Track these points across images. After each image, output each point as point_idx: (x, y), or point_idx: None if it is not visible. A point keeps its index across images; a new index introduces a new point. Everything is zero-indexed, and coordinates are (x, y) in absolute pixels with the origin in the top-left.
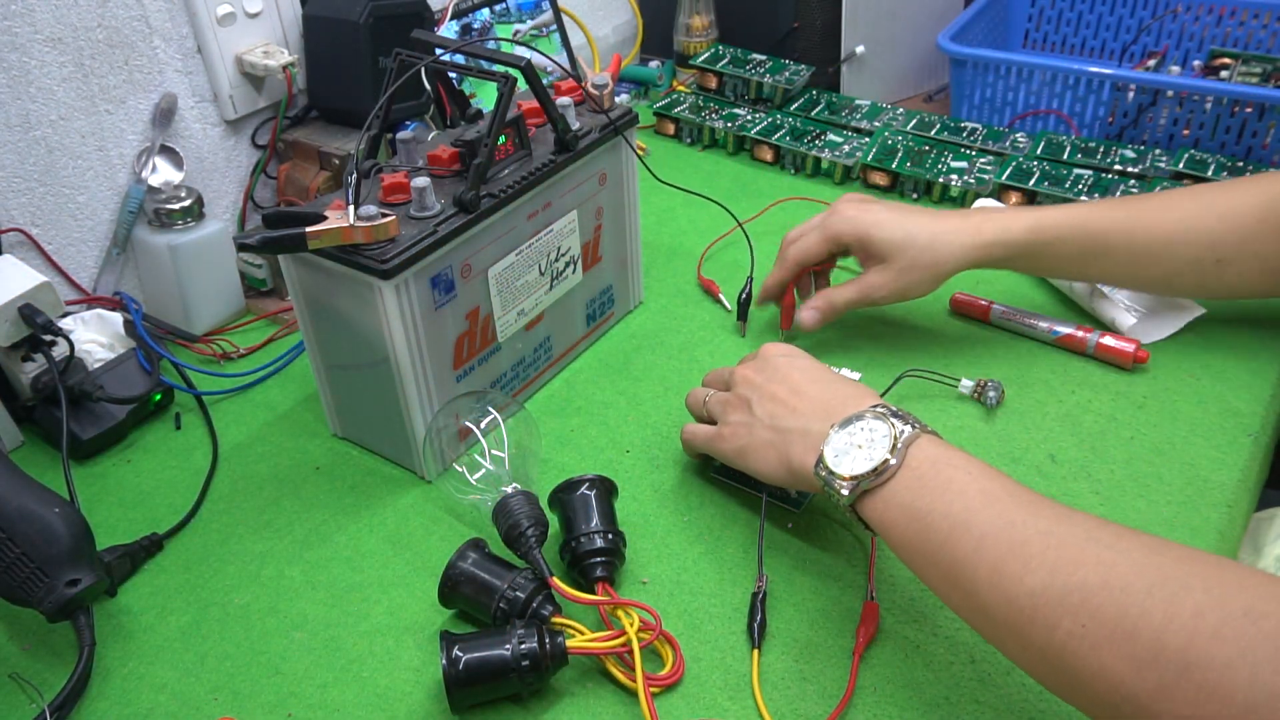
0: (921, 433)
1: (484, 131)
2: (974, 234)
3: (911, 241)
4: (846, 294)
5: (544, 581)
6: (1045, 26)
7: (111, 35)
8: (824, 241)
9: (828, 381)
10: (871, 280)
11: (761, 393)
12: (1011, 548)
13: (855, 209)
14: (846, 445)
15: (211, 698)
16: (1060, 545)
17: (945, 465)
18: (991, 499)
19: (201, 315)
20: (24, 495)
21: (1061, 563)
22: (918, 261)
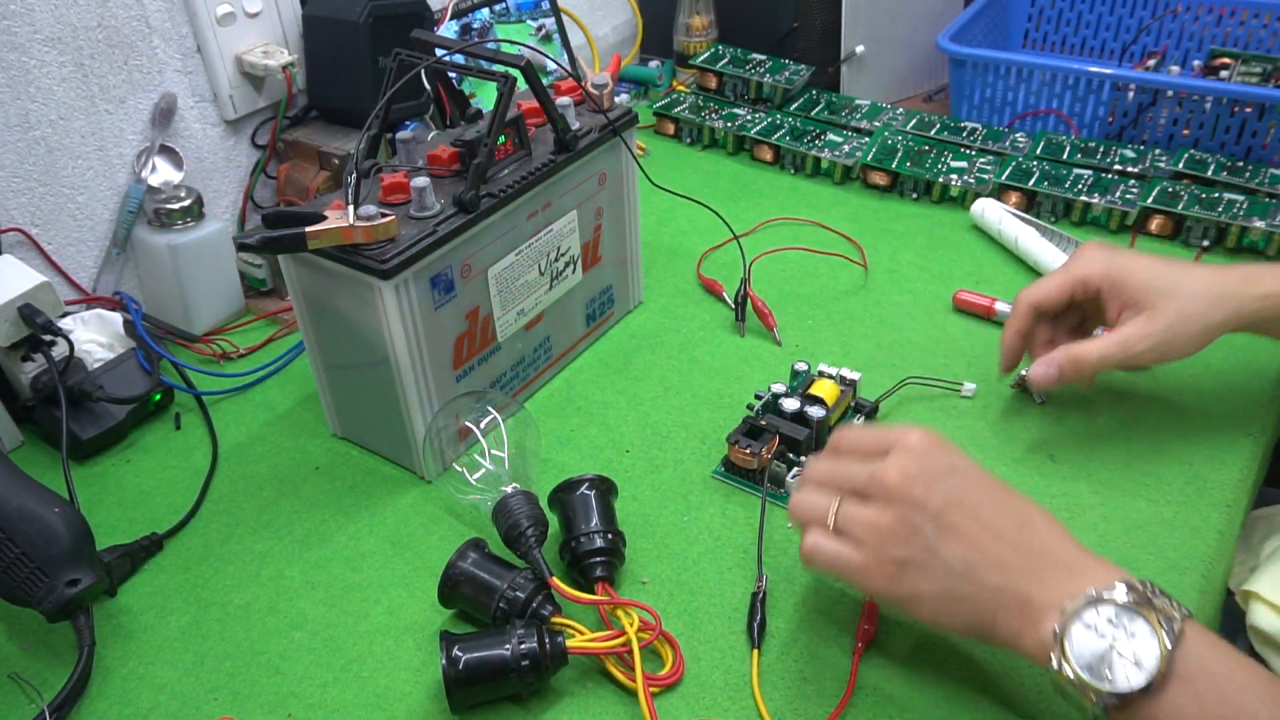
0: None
1: (484, 131)
2: (1248, 284)
3: (1180, 288)
4: (1100, 348)
5: (544, 581)
6: (1045, 26)
7: (111, 35)
8: (1066, 284)
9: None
10: (1133, 332)
11: (941, 524)
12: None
13: (1103, 251)
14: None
15: (211, 698)
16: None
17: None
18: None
19: (201, 315)
20: (24, 495)
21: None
22: (1187, 311)
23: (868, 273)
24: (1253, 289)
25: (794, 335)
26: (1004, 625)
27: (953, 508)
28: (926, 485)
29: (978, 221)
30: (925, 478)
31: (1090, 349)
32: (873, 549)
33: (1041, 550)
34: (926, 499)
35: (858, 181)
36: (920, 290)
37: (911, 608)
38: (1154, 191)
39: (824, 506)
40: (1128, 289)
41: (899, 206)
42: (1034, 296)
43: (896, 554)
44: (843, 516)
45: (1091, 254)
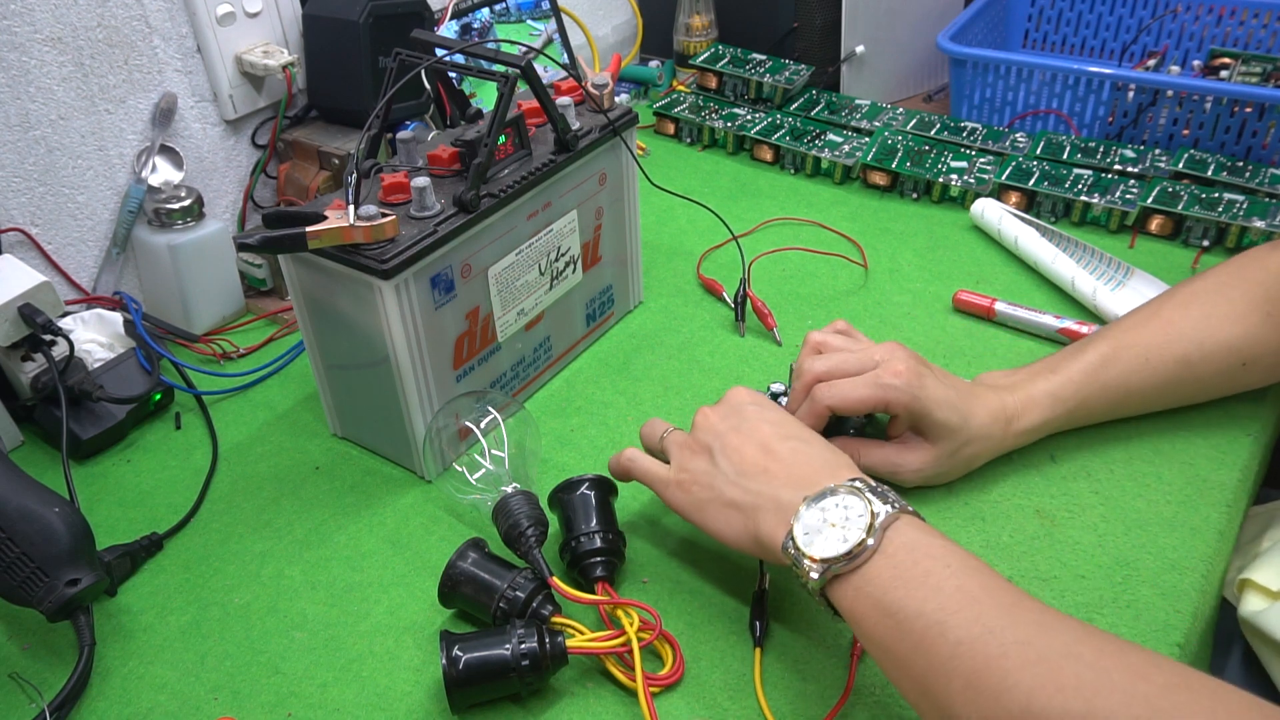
0: (901, 513)
1: (484, 131)
2: (1005, 425)
3: (964, 429)
4: (871, 460)
5: (544, 581)
6: (1045, 26)
7: (111, 35)
8: (873, 401)
9: (801, 441)
10: (907, 459)
11: (727, 443)
12: (988, 660)
13: (912, 374)
14: (818, 522)
15: (211, 697)
16: (1040, 661)
17: (924, 555)
18: (970, 599)
19: (201, 315)
20: (24, 495)
21: (1041, 683)
22: (960, 454)
23: (868, 273)
24: (1010, 429)
25: (794, 335)
26: (767, 527)
27: (742, 433)
28: (724, 416)
29: (978, 221)
30: (730, 414)
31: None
32: (676, 462)
33: (807, 467)
34: (722, 427)
35: (858, 181)
36: (920, 290)
37: (696, 515)
38: (1154, 191)
39: (660, 430)
40: (925, 422)
41: (899, 206)
42: (835, 402)
43: (689, 464)
44: (667, 439)
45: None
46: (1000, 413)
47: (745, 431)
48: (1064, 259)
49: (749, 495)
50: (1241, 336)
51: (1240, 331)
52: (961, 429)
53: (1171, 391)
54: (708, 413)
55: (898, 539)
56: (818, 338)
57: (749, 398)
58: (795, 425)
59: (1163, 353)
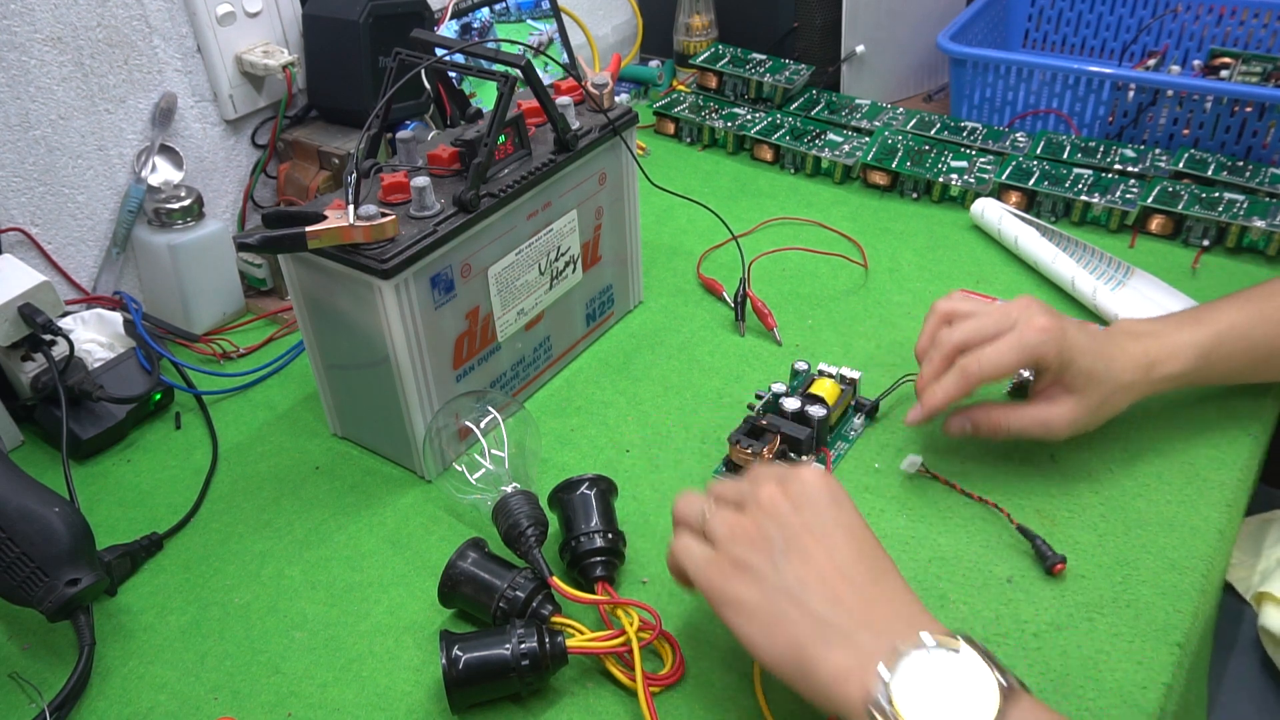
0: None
1: (484, 131)
2: (1148, 372)
3: (1110, 377)
4: (1022, 424)
5: (544, 581)
6: (1045, 26)
7: (111, 35)
8: (1023, 361)
9: (878, 567)
10: (1057, 414)
11: (794, 543)
12: None
13: (1053, 326)
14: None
15: (211, 697)
16: None
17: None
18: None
19: (201, 315)
20: (24, 495)
21: None
22: (1108, 401)
23: (868, 272)
24: (1150, 375)
25: (794, 335)
26: (828, 667)
27: (809, 533)
28: (795, 506)
29: (978, 221)
30: (797, 500)
31: (1011, 421)
32: (722, 546)
33: (883, 599)
34: (788, 517)
35: (858, 181)
36: (920, 290)
37: (735, 615)
38: (1154, 191)
39: (700, 507)
40: (1070, 373)
41: (899, 206)
42: (987, 369)
43: (740, 554)
44: (712, 517)
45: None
46: (1142, 358)
47: (822, 537)
48: (1064, 259)
49: (813, 621)
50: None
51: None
52: (1106, 376)
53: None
54: (775, 494)
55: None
56: (945, 306)
57: (825, 488)
58: (875, 544)
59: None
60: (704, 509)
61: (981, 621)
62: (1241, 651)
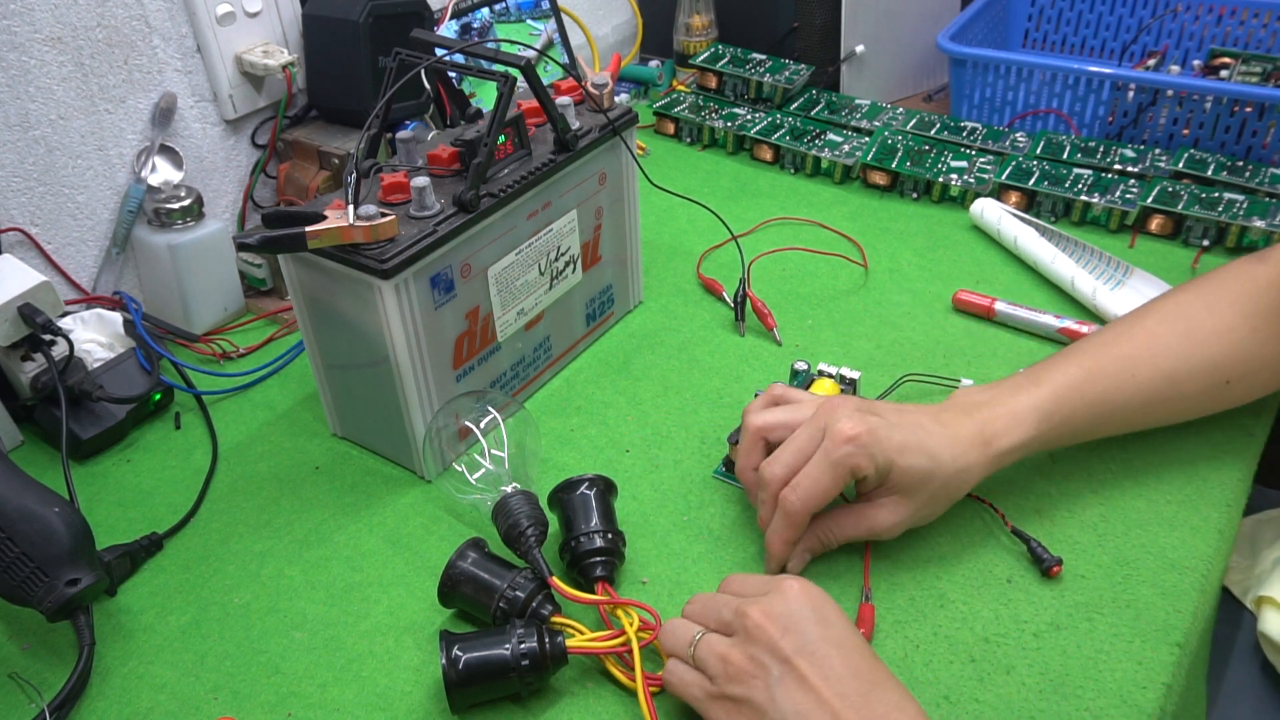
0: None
1: (484, 131)
2: (984, 448)
3: (936, 468)
4: (847, 534)
5: (544, 581)
6: (1045, 26)
7: (111, 35)
8: (838, 481)
9: (874, 679)
10: (884, 519)
11: (787, 669)
12: None
13: (859, 429)
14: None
15: (211, 697)
16: None
17: None
18: None
19: (201, 315)
20: (24, 495)
21: None
22: (939, 494)
23: (868, 272)
24: (988, 451)
25: (794, 335)
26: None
27: (802, 656)
28: (784, 629)
29: (977, 221)
30: (785, 621)
31: (838, 532)
32: (719, 681)
33: (882, 717)
34: (779, 642)
35: (858, 181)
36: (920, 290)
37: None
38: (1154, 191)
39: (687, 637)
40: (893, 475)
41: (899, 206)
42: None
43: (736, 692)
44: (701, 647)
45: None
46: (977, 436)
47: (813, 659)
48: (1064, 259)
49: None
50: (1225, 352)
51: (1224, 346)
52: (933, 469)
53: (1155, 410)
54: (760, 620)
55: None
56: (756, 422)
57: (809, 604)
58: (866, 654)
59: (1148, 367)
60: (692, 638)
61: (981, 621)
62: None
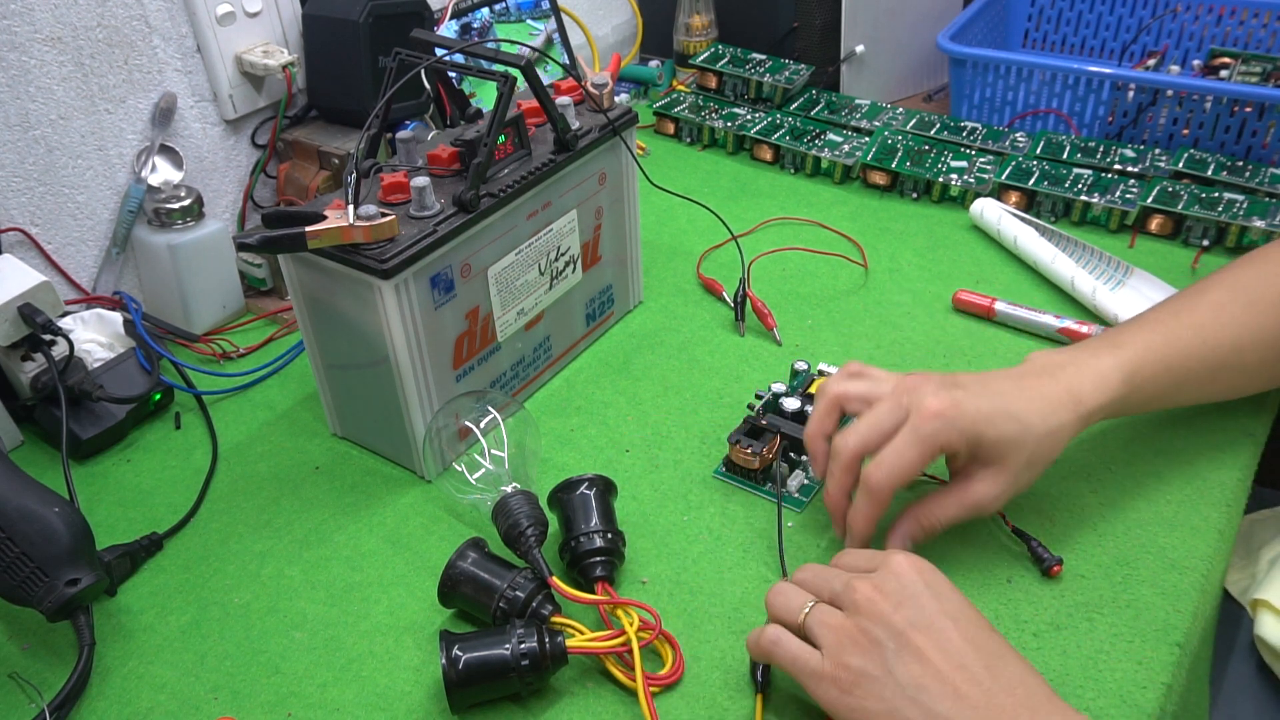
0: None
1: (484, 131)
2: (1076, 407)
3: (1027, 432)
4: (950, 513)
5: (544, 581)
6: (1045, 26)
7: (111, 35)
8: (926, 457)
9: (993, 651)
10: (984, 492)
11: (903, 643)
12: None
13: (945, 403)
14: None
15: (211, 697)
16: None
17: None
18: None
19: (201, 315)
20: (24, 495)
21: None
22: (1035, 457)
23: (868, 273)
24: (1079, 410)
25: (794, 335)
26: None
27: (918, 630)
28: (897, 603)
29: (977, 221)
30: (897, 596)
31: (940, 514)
32: (831, 654)
33: (1005, 689)
34: (892, 616)
35: (858, 181)
36: (920, 290)
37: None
38: (1154, 191)
39: (799, 605)
40: (983, 446)
41: (899, 206)
42: (894, 479)
43: (853, 663)
44: (814, 617)
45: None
46: (1065, 396)
47: (929, 632)
48: (1064, 259)
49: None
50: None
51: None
52: (1023, 434)
53: (1221, 380)
54: (872, 595)
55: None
56: (835, 390)
57: (920, 578)
58: (985, 627)
59: (1216, 335)
60: (804, 606)
61: None
62: (1239, 654)
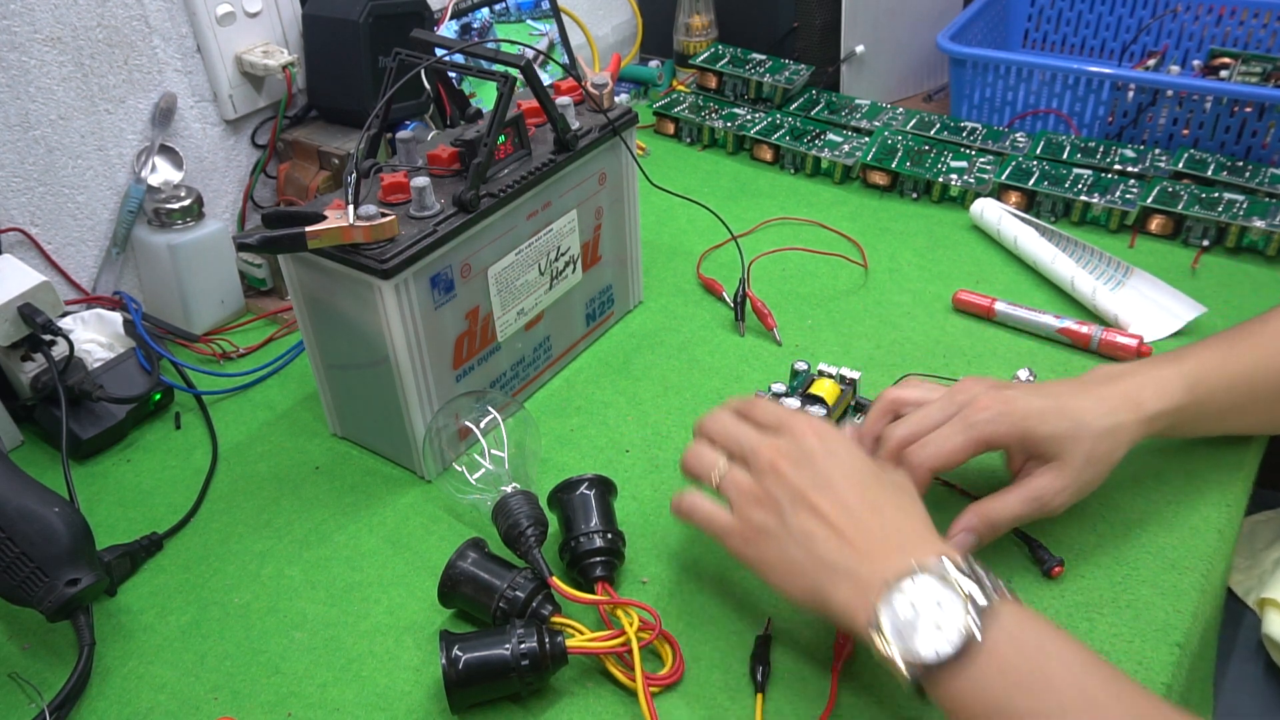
0: (1002, 602)
1: (484, 131)
2: (1137, 409)
3: (1084, 429)
4: (1014, 510)
5: (544, 581)
6: (1045, 26)
7: (111, 35)
8: (971, 445)
9: (878, 501)
10: (1046, 486)
11: (796, 498)
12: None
13: (998, 400)
14: (910, 615)
15: (211, 697)
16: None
17: (1035, 651)
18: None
19: (201, 315)
20: (24, 495)
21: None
22: (1095, 454)
23: (868, 273)
24: (1140, 413)
25: (794, 335)
26: (841, 601)
27: (812, 487)
28: (795, 464)
29: (977, 221)
30: (796, 457)
31: (1004, 511)
32: (738, 512)
33: (884, 532)
34: (791, 475)
35: (858, 181)
36: (920, 290)
37: (761, 572)
38: (1154, 191)
39: (710, 464)
40: (1034, 442)
41: (899, 206)
42: (936, 462)
43: (755, 519)
44: (724, 482)
45: (989, 405)
46: (1125, 399)
47: (822, 489)
48: (1064, 259)
49: (821, 564)
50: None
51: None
52: (1078, 431)
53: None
54: (775, 458)
55: (1003, 635)
56: (892, 394)
57: (820, 443)
58: (872, 475)
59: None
60: (715, 467)
61: None
62: (1244, 655)
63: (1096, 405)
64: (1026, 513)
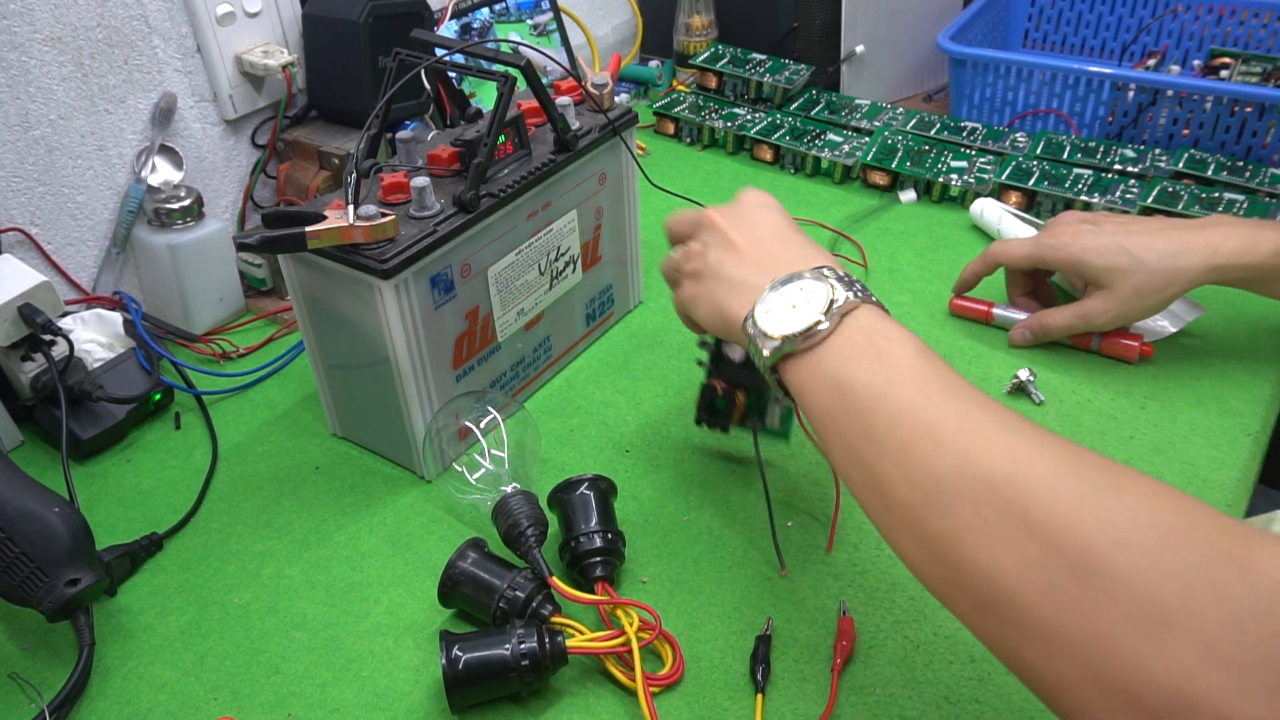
0: (863, 302)
1: (484, 131)
2: (1210, 254)
3: (1138, 265)
4: (1063, 319)
5: (544, 581)
6: (1045, 26)
7: (111, 35)
8: (1030, 257)
9: (788, 238)
10: (1093, 306)
11: (720, 239)
12: (926, 426)
13: (1069, 233)
14: (781, 304)
15: (211, 697)
16: (976, 430)
17: (880, 337)
18: (918, 375)
19: (201, 315)
20: (24, 495)
21: (973, 448)
22: (1145, 286)
23: (868, 273)
24: (1212, 259)
25: None
26: (731, 306)
27: (736, 228)
28: (727, 219)
29: (977, 221)
30: (730, 214)
31: (1056, 319)
32: (681, 266)
33: (786, 254)
34: (721, 224)
35: (858, 181)
36: (920, 290)
37: (691, 309)
38: (1154, 191)
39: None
40: (1086, 271)
41: (899, 206)
42: (999, 252)
43: (690, 266)
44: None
45: (1058, 236)
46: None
47: (742, 226)
48: None
49: (723, 280)
50: None
51: None
52: (1132, 266)
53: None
54: (714, 218)
55: (855, 323)
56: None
57: (756, 199)
58: (790, 225)
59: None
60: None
61: None
62: None
63: (1164, 246)
64: (1073, 325)
